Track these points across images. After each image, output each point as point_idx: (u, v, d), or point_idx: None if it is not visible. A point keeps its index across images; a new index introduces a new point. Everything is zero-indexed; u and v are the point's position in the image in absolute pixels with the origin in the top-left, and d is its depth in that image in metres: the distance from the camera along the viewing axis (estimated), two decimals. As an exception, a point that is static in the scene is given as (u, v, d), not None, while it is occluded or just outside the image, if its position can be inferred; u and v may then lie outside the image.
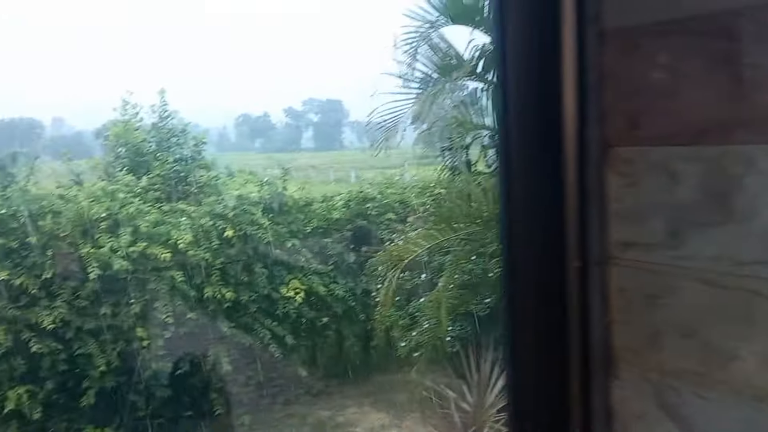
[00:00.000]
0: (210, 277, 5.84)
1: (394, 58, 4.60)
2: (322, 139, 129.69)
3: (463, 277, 5.38)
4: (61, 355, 5.16)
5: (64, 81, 68.63)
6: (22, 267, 5.03)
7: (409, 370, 6.23)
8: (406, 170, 14.73)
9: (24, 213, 5.12)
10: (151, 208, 5.70)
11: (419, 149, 7.22)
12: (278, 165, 26.71)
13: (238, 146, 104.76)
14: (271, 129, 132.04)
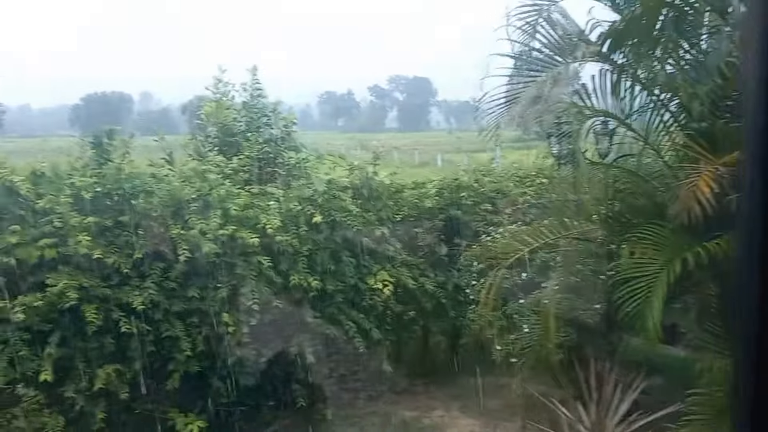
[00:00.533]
0: (296, 264, 5.72)
1: (507, 35, 4.18)
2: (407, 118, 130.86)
3: (572, 278, 4.93)
4: (149, 337, 5.20)
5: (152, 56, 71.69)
6: (115, 246, 5.09)
7: (502, 374, 5.88)
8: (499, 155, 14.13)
9: (118, 191, 5.17)
10: (241, 190, 5.63)
11: (512, 131, 6.76)
12: (361, 145, 27.07)
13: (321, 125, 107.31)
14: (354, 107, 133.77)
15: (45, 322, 4.88)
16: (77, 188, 5.08)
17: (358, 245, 6.18)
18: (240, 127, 6.36)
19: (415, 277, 6.33)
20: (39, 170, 5.16)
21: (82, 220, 4.89)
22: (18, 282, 4.87)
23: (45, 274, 4.87)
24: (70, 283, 4.75)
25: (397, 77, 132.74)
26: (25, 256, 4.78)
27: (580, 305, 4.90)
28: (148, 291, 5.03)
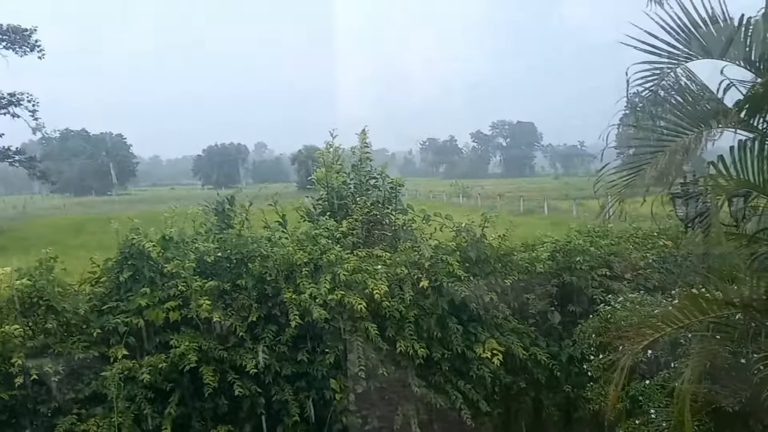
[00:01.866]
0: (403, 330, 5.86)
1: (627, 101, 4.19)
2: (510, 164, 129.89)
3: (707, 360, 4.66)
4: (259, 399, 5.53)
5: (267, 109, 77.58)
6: (232, 308, 5.51)
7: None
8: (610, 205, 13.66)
9: (237, 256, 5.63)
10: (350, 254, 5.91)
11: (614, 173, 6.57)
12: (463, 192, 27.56)
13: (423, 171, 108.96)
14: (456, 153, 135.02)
15: (167, 381, 5.33)
16: (201, 252, 5.58)
17: (466, 311, 6.23)
18: (349, 189, 6.72)
19: (525, 346, 6.26)
20: (168, 235, 5.73)
21: (204, 284, 5.36)
22: (145, 342, 5.39)
23: (169, 336, 5.35)
24: (191, 345, 5.19)
25: (500, 122, 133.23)
26: (153, 317, 5.30)
27: (717, 389, 4.62)
28: (261, 354, 5.37)
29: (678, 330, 4.12)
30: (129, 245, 5.61)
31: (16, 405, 5.23)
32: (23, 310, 5.33)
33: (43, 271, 5.42)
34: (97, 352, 5.36)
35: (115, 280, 5.60)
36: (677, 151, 3.80)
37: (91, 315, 5.49)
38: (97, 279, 5.78)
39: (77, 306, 5.44)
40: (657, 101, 4.26)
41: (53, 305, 5.33)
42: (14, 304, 5.30)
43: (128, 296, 5.53)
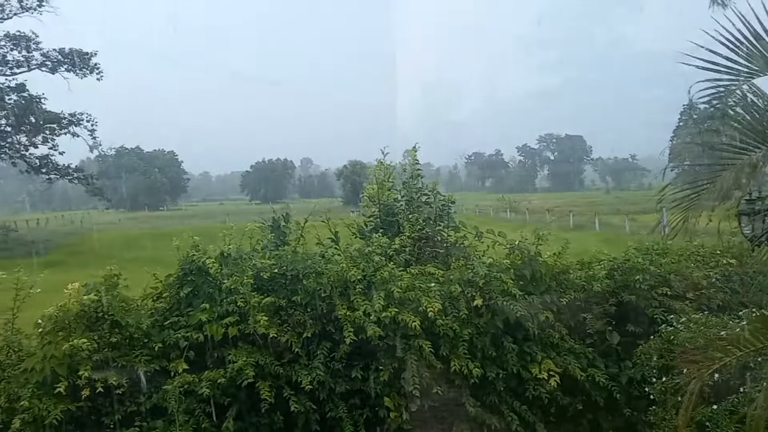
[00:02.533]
0: (457, 349, 5.86)
1: (689, 116, 4.14)
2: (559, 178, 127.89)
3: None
4: (314, 416, 5.60)
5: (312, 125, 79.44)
6: (287, 324, 5.63)
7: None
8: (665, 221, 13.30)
9: (292, 272, 5.75)
10: (403, 272, 5.96)
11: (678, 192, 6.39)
12: (510, 206, 27.40)
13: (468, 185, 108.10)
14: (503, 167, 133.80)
15: (224, 396, 5.47)
16: (258, 269, 5.73)
17: (521, 330, 6.18)
18: (400, 206, 6.79)
19: (583, 367, 6.15)
20: (226, 252, 5.90)
21: (261, 300, 5.50)
22: (205, 357, 5.55)
23: (227, 351, 5.50)
24: (248, 360, 5.31)
25: (547, 136, 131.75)
26: (213, 332, 5.46)
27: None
28: (316, 371, 5.45)
29: (749, 353, 4.00)
30: (189, 261, 5.80)
31: (82, 416, 5.44)
32: (89, 325, 5.56)
33: (109, 287, 5.65)
34: (159, 366, 5.54)
35: (176, 296, 5.80)
36: (743, 168, 3.73)
37: (153, 330, 5.68)
38: (159, 294, 5.98)
39: (140, 321, 5.65)
40: (719, 116, 4.20)
41: (118, 320, 5.54)
42: (82, 318, 5.53)
43: (188, 311, 5.71)
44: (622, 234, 32.29)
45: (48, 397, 5.21)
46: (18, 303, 5.72)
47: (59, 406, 5.14)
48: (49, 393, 5.21)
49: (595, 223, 39.17)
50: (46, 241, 42.33)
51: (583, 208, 52.86)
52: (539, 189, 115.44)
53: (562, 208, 52.91)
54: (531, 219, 46.60)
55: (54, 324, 5.53)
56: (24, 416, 5.05)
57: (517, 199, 62.49)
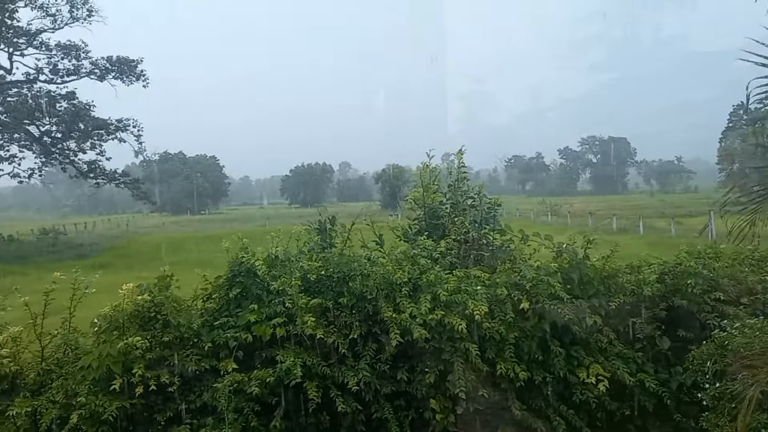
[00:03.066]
0: (503, 352, 5.85)
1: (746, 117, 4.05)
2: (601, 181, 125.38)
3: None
4: (360, 416, 5.67)
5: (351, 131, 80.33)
6: (334, 326, 5.71)
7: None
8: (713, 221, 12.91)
9: (338, 274, 5.84)
10: (449, 274, 5.98)
11: (731, 194, 6.21)
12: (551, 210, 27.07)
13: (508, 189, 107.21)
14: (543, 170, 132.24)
15: (272, 395, 5.58)
16: (305, 271, 5.84)
17: (568, 334, 6.13)
18: (445, 209, 6.81)
19: (632, 372, 6.06)
20: (274, 254, 6.03)
21: (308, 301, 5.59)
22: (253, 357, 5.68)
23: (275, 351, 5.61)
24: (296, 360, 5.41)
25: (590, 138, 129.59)
26: (261, 333, 5.58)
27: None
28: (363, 372, 5.51)
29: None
30: (238, 263, 5.95)
31: (135, 413, 5.62)
32: (142, 324, 5.76)
33: (161, 288, 5.83)
34: (208, 365, 5.69)
35: (225, 297, 5.95)
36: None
37: (203, 329, 5.85)
38: (209, 295, 6.14)
39: (191, 321, 5.81)
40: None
41: (170, 319, 5.72)
42: (135, 318, 5.73)
43: (237, 312, 5.86)
44: (667, 238, 31.56)
45: (104, 393, 5.41)
46: (75, 303, 5.94)
47: (114, 402, 5.33)
48: (105, 390, 5.41)
49: (639, 226, 38.30)
50: (93, 244, 43.75)
51: (627, 211, 51.81)
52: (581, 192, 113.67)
53: (605, 212, 51.97)
54: (573, 222, 45.88)
55: (109, 323, 5.73)
56: (81, 412, 5.24)
57: (559, 203, 61.65)
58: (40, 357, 5.82)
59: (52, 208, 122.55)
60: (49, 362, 5.82)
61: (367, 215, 7.50)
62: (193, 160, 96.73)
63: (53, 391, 5.52)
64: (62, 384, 5.57)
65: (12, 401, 5.36)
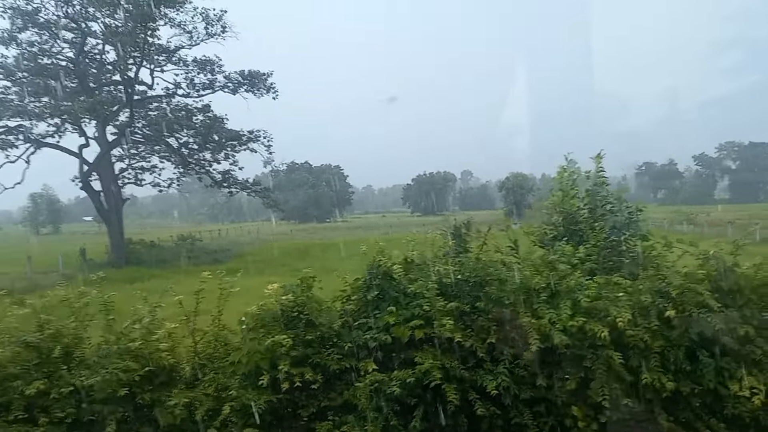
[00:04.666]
0: (648, 361, 5.69)
1: None
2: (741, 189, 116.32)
3: None
4: (497, 421, 5.74)
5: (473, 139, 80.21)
6: (471, 330, 5.83)
7: None
8: None
9: (475, 279, 5.96)
10: (590, 281, 5.92)
11: None
12: (687, 219, 25.34)
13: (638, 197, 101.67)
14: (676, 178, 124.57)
15: (410, 396, 5.77)
16: (441, 275, 6.01)
17: (717, 344, 5.85)
18: (583, 215, 6.72)
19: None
20: (410, 258, 6.26)
21: (445, 305, 5.76)
22: (392, 358, 5.92)
23: (412, 353, 5.81)
24: (435, 362, 5.58)
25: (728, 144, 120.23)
26: (400, 335, 5.80)
27: None
28: (501, 377, 5.58)
29: None
30: (376, 266, 6.23)
31: (280, 408, 6.03)
32: (286, 323, 6.17)
33: (304, 289, 6.23)
34: (348, 364, 5.99)
35: (363, 299, 6.24)
36: None
37: (343, 330, 6.17)
38: (348, 297, 6.47)
39: (332, 321, 6.16)
40: None
41: (312, 319, 6.09)
42: (280, 317, 6.15)
43: (375, 314, 6.13)
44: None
45: (252, 388, 5.84)
46: (223, 302, 6.44)
47: (263, 396, 5.75)
48: (253, 384, 5.84)
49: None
50: (226, 250, 46.84)
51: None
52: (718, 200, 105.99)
53: (745, 221, 48.12)
54: (710, 232, 42.86)
55: (256, 322, 6.19)
56: (233, 404, 5.70)
57: (694, 211, 57.92)
58: (193, 352, 6.34)
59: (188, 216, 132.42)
60: (202, 357, 6.34)
61: (495, 223, 7.56)
62: (318, 170, 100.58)
63: (206, 384, 6.04)
64: (214, 378, 6.09)
65: (170, 392, 5.91)
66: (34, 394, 5.19)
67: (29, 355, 5.45)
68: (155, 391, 5.76)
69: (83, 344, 5.76)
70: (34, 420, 5.21)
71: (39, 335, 5.45)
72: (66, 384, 5.29)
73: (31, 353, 5.45)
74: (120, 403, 5.49)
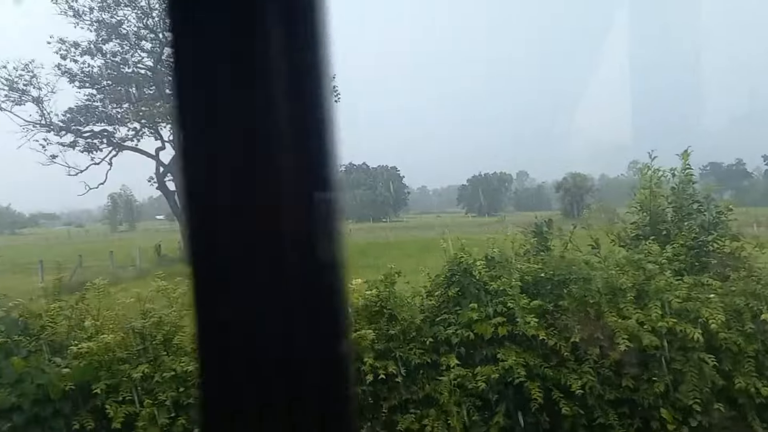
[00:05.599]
0: (741, 366, 5.47)
1: None
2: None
3: None
4: (581, 420, 5.63)
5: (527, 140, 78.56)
6: (554, 328, 5.75)
7: None
8: None
9: (558, 277, 5.87)
10: (680, 281, 5.73)
11: None
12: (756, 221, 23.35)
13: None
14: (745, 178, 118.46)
15: (492, 392, 5.74)
16: (522, 272, 5.95)
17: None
18: (667, 214, 6.51)
19: None
20: (490, 255, 6.23)
21: (529, 302, 5.70)
22: (473, 354, 5.90)
23: (494, 350, 5.78)
24: (518, 360, 5.54)
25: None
26: (482, 331, 5.79)
27: None
28: (587, 376, 5.48)
29: None
30: (456, 263, 6.23)
31: (364, 399, 6.10)
32: (369, 317, 6.24)
33: (387, 285, 6.28)
34: (429, 359, 6.00)
35: (445, 295, 6.25)
36: None
37: (424, 324, 6.19)
38: (429, 293, 6.49)
39: (413, 316, 6.19)
40: None
41: (395, 314, 6.14)
42: (364, 311, 6.23)
43: (456, 310, 6.12)
44: None
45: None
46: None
47: (349, 387, 5.84)
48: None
49: None
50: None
51: None
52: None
53: (829, 224, 45.17)
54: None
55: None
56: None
57: (765, 213, 54.87)
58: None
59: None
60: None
61: (586, 219, 7.41)
62: (375, 171, 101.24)
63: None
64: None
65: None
66: (140, 378, 5.45)
67: (134, 341, 5.72)
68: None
69: (181, 332, 5.99)
70: (140, 401, 5.47)
71: (144, 322, 5.72)
72: (168, 369, 5.53)
73: (135, 339, 5.73)
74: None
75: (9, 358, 5.40)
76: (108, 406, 5.36)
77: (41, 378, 5.26)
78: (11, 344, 5.51)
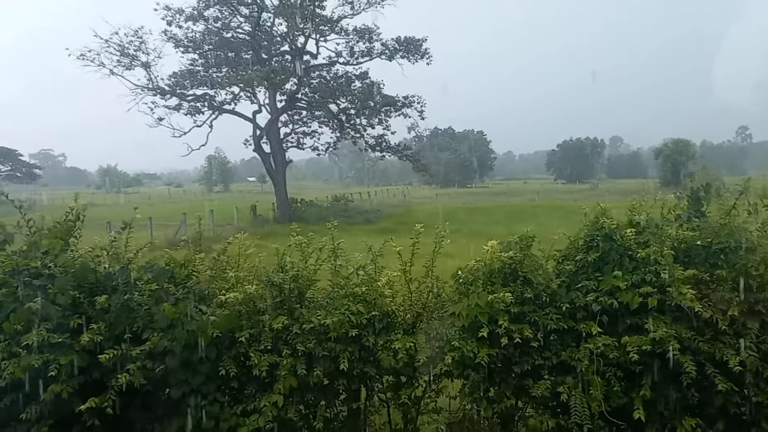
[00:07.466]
0: None
1: None
2: None
3: None
4: (734, 398, 5.22)
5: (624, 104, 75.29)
6: (708, 299, 5.30)
7: None
8: None
9: (716, 246, 5.39)
10: None
11: None
12: None
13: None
14: None
15: (636, 363, 5.38)
16: (674, 239, 5.50)
17: None
18: None
19: None
20: (635, 221, 5.80)
21: (683, 272, 5.26)
22: (616, 323, 5.55)
23: (641, 319, 5.40)
24: (668, 331, 5.14)
25: None
26: (628, 300, 5.41)
27: None
28: (748, 351, 5.04)
29: None
30: (598, 228, 5.84)
31: (493, 363, 5.88)
32: (503, 280, 5.99)
33: (523, 247, 6.00)
34: (566, 325, 5.69)
35: (584, 260, 5.89)
36: None
37: (560, 290, 5.87)
38: (564, 257, 6.15)
39: (549, 280, 5.89)
40: None
41: (530, 278, 5.86)
42: (499, 273, 5.98)
43: (596, 276, 5.76)
44: None
45: (471, 340, 5.75)
46: (436, 253, 6.36)
47: (483, 349, 5.64)
48: (472, 337, 5.74)
49: None
50: (377, 211, 48.23)
51: None
52: None
53: None
54: None
55: (474, 276, 6.06)
56: (454, 354, 5.65)
57: None
58: (409, 300, 6.37)
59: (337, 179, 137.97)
60: (417, 306, 6.34)
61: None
62: (461, 135, 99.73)
63: (421, 332, 6.06)
64: (429, 326, 6.09)
65: (389, 337, 5.98)
66: (280, 329, 5.49)
67: (272, 293, 5.78)
68: (379, 334, 5.88)
69: (313, 286, 6.00)
70: (279, 351, 5.53)
71: (283, 276, 5.75)
72: (307, 321, 5.54)
73: (273, 291, 5.78)
74: (349, 343, 5.67)
75: (159, 304, 5.57)
76: (252, 354, 5.44)
77: (190, 324, 5.39)
78: (161, 291, 5.68)
